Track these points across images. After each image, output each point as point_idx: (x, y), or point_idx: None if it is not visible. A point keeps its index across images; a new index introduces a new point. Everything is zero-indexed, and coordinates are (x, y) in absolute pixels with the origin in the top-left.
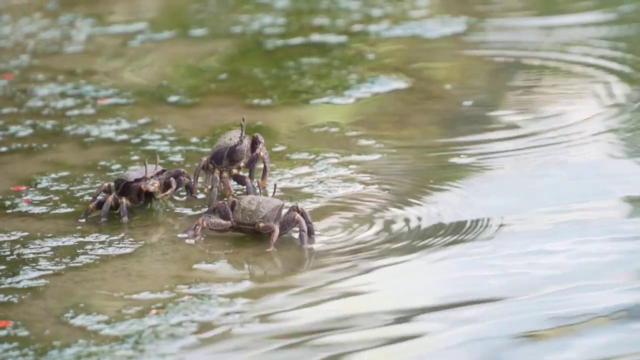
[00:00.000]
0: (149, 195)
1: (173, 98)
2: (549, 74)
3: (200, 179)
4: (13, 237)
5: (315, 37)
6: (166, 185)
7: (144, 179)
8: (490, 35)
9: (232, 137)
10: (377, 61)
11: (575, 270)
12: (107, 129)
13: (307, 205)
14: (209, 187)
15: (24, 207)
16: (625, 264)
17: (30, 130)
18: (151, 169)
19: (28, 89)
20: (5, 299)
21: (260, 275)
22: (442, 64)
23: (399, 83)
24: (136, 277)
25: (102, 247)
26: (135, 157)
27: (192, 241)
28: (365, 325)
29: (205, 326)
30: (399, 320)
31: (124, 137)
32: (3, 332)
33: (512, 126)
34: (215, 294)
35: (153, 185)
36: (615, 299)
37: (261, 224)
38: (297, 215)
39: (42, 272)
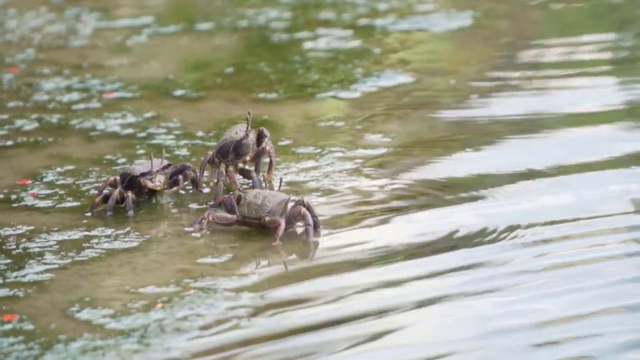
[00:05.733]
0: (154, 190)
1: (179, 92)
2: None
3: (206, 173)
4: (19, 231)
5: (321, 31)
6: (173, 183)
7: (150, 173)
8: (497, 29)
9: (237, 131)
10: (382, 55)
11: None
12: (113, 123)
13: (312, 199)
14: (215, 181)
15: (29, 201)
16: None
17: (36, 124)
18: (157, 163)
19: (34, 83)
20: (11, 292)
21: (265, 269)
22: (448, 57)
23: (404, 77)
24: (142, 271)
25: (107, 241)
26: (140, 151)
27: (197, 235)
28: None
29: (210, 320)
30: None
31: (130, 131)
32: (9, 326)
33: (516, 122)
34: (221, 288)
35: (154, 183)
36: None
37: (267, 218)
38: (303, 210)
39: (47, 266)
